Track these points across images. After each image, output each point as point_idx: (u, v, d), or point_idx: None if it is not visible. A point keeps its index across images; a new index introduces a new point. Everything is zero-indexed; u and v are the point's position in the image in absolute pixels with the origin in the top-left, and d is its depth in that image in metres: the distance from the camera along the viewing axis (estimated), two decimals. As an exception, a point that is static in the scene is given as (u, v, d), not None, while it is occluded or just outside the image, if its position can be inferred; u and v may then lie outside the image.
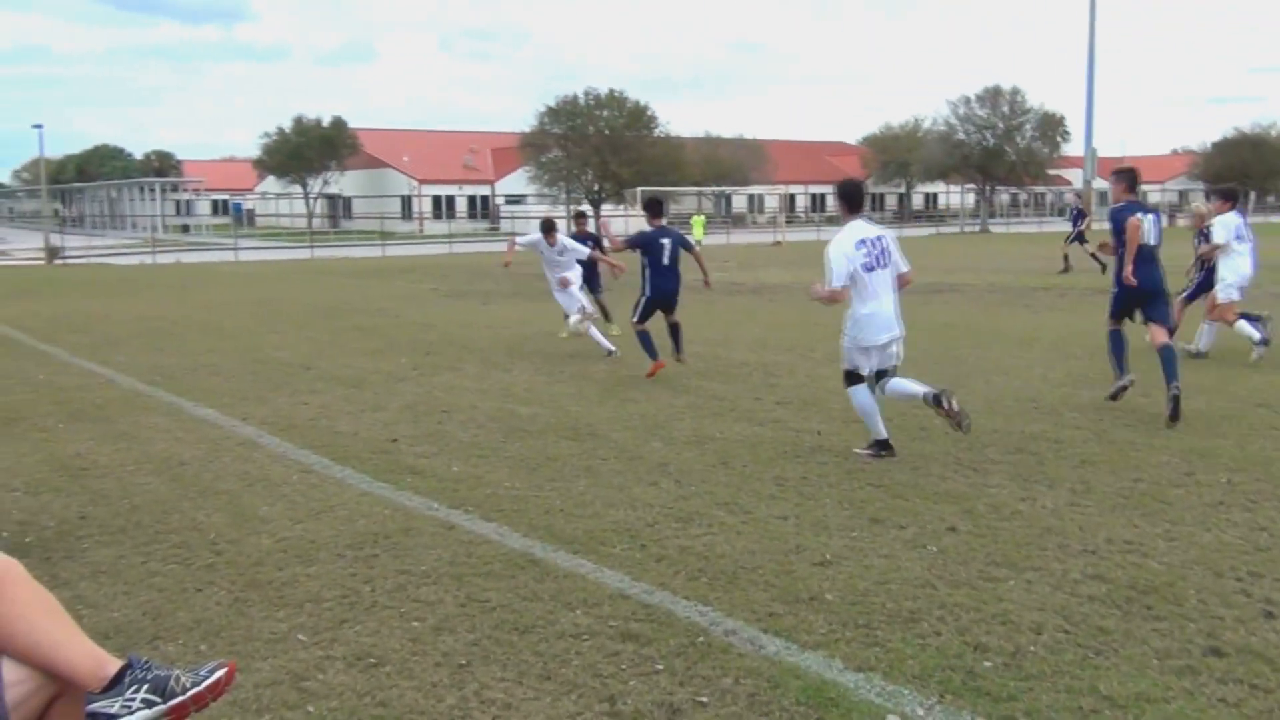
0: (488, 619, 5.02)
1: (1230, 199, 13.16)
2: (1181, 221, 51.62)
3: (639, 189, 57.55)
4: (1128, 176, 9.82)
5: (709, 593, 5.30)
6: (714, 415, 9.79)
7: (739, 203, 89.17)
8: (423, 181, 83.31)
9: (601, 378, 12.11)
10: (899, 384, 8.01)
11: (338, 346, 15.33)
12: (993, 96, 75.83)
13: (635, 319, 12.19)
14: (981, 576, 5.49)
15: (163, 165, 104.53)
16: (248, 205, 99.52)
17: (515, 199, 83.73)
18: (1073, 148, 74.49)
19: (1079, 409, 9.81)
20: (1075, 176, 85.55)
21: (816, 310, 19.59)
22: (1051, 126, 75.68)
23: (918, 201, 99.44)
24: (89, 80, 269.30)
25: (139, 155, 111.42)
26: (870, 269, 7.88)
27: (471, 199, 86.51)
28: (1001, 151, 75.21)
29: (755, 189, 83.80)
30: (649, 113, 67.05)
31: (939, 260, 35.49)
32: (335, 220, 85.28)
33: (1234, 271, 12.73)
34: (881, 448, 8.11)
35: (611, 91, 67.04)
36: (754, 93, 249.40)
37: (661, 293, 12.09)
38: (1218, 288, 12.79)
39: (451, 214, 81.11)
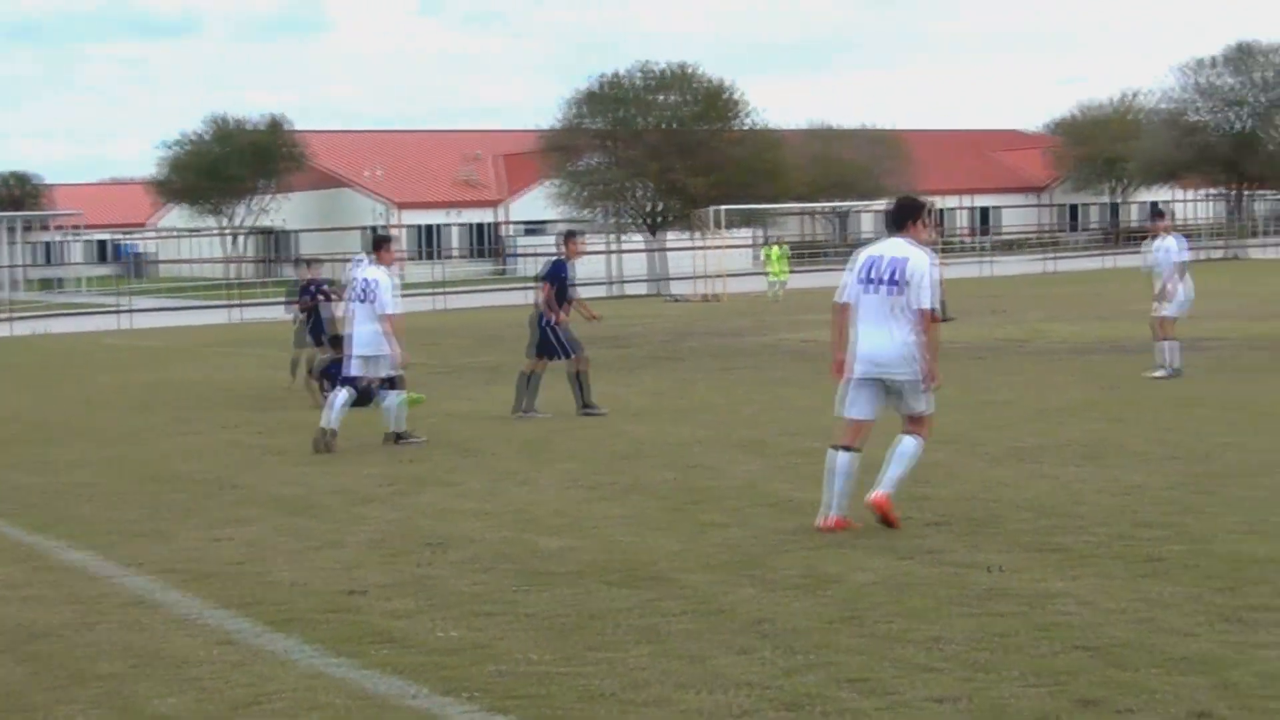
0: None
1: None
2: None
3: (716, 208, 57.48)
4: None
5: (833, 820, 5.18)
6: (835, 545, 9.66)
7: (866, 224, 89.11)
8: (400, 206, 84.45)
9: (667, 492, 12.05)
10: (341, 399, 15.37)
11: (274, 452, 15.41)
12: (1241, 58, 75.28)
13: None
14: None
15: (20, 193, 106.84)
16: (142, 248, 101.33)
17: (534, 227, 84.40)
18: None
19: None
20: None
21: (997, 382, 19.37)
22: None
23: (1134, 215, 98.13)
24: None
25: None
26: (359, 301, 15.46)
27: (471, 229, 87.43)
28: (1256, 139, 74.48)
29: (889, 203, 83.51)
30: (732, 95, 67.31)
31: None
32: (270, 265, 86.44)
33: None
34: (324, 437, 15.05)
35: (677, 66, 67.30)
36: (886, 63, 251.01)
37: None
38: None
39: (440, 251, 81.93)
